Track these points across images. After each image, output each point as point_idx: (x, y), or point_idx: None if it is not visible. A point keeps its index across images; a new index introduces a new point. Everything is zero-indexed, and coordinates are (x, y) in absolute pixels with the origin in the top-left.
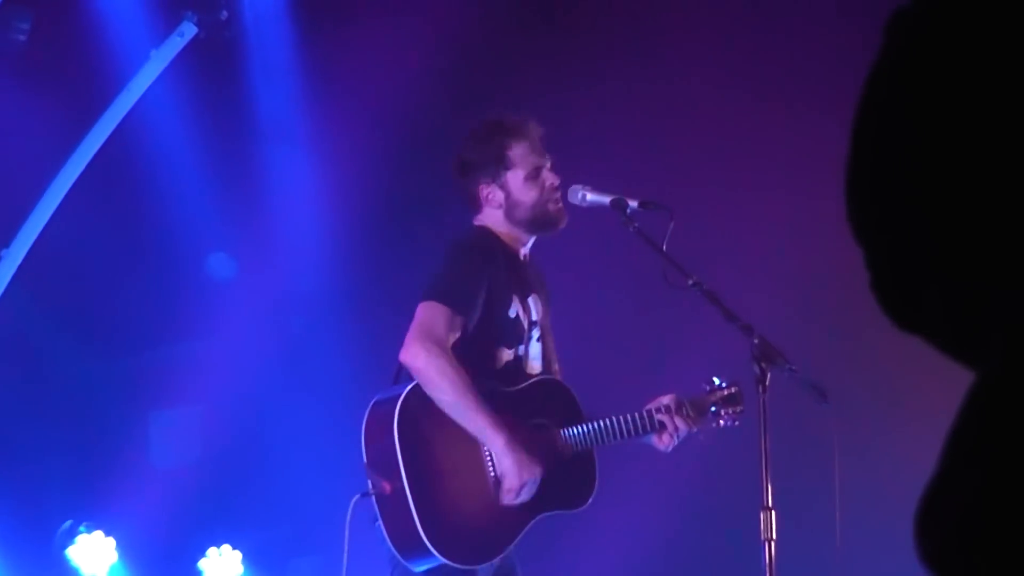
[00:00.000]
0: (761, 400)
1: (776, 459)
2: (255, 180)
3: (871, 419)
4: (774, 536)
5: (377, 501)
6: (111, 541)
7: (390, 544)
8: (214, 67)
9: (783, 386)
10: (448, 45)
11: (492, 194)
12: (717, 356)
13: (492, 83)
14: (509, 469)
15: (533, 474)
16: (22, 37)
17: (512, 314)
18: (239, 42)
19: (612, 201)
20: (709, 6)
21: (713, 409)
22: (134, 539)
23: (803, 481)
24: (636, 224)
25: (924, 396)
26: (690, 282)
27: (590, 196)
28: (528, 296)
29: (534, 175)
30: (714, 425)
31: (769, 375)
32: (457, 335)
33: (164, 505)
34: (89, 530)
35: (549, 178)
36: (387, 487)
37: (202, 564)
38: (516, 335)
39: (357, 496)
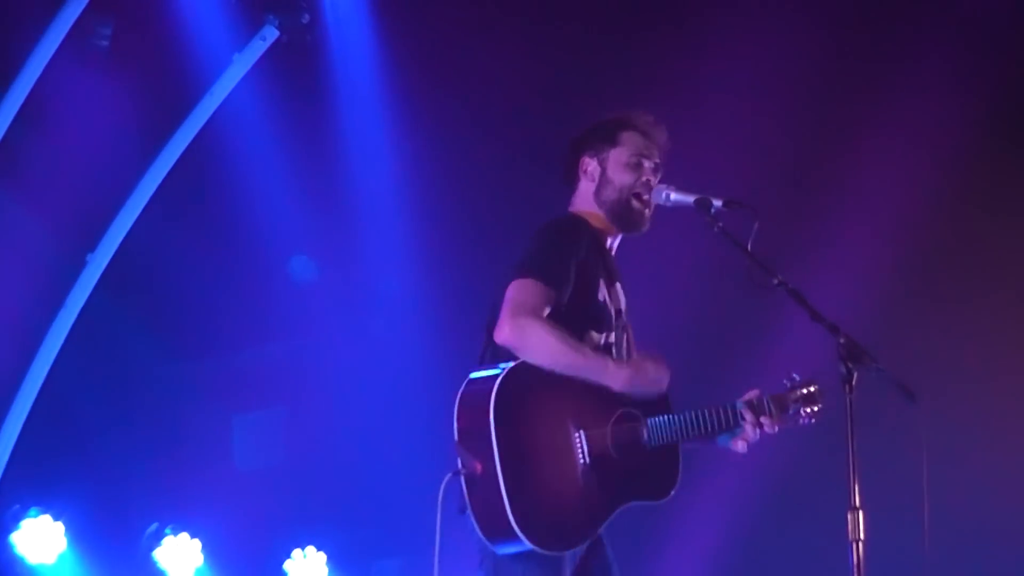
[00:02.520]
0: (848, 400)
1: (863, 459)
2: (337, 182)
3: (960, 419)
4: (862, 536)
5: (466, 481)
6: (197, 543)
7: (476, 525)
8: (297, 70)
9: (870, 386)
10: (533, 45)
11: (591, 166)
12: (802, 356)
13: (579, 87)
14: (645, 384)
15: (662, 375)
16: (104, 43)
17: (600, 298)
18: (321, 45)
19: (696, 201)
20: (796, 4)
21: (794, 407)
22: (219, 541)
23: (891, 482)
24: (720, 224)
25: (1012, 396)
26: (775, 281)
27: (674, 196)
28: (614, 284)
29: (635, 163)
30: (795, 423)
31: (856, 375)
32: (548, 310)
33: (249, 507)
34: (175, 532)
35: (647, 173)
36: (478, 466)
37: (287, 566)
38: (605, 320)
39: (449, 475)
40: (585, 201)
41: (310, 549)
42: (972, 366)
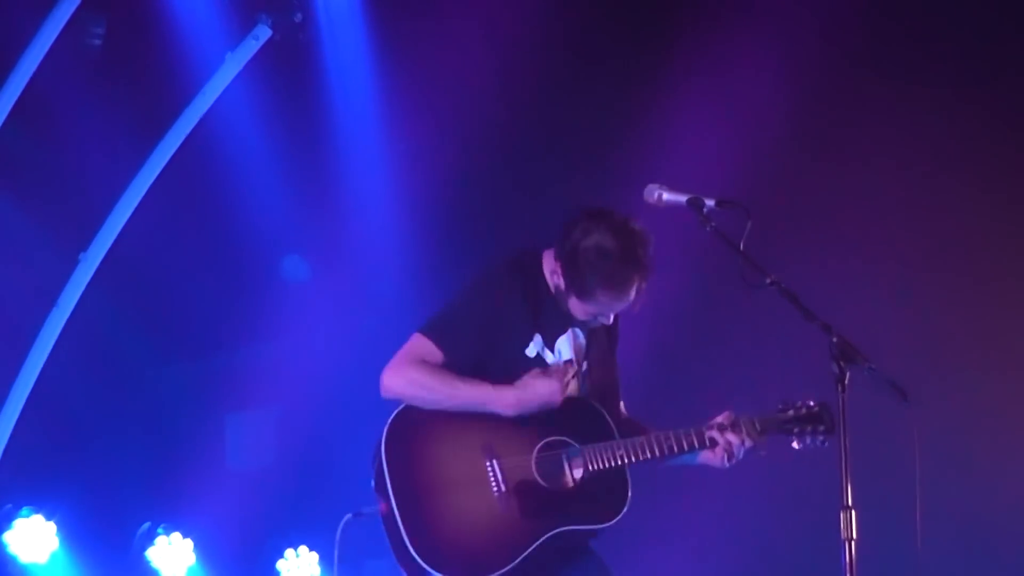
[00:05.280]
0: (840, 399)
1: (856, 458)
2: (330, 182)
3: (952, 418)
4: (854, 536)
5: (382, 522)
6: (189, 543)
7: (399, 565)
8: (289, 69)
9: (863, 385)
10: (525, 46)
11: (556, 276)
12: (794, 355)
13: (569, 84)
14: (530, 404)
15: (553, 389)
16: (97, 42)
17: (530, 352)
18: (314, 44)
19: (689, 200)
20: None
21: (785, 428)
22: (212, 540)
23: (883, 481)
24: (713, 223)
25: (1004, 396)
26: (768, 281)
27: (666, 196)
28: (559, 335)
29: (594, 313)
30: (793, 445)
31: (848, 374)
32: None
33: (241, 507)
34: (167, 532)
35: (604, 319)
36: (383, 507)
37: (279, 565)
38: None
39: (348, 516)
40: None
41: (302, 548)
42: (965, 365)
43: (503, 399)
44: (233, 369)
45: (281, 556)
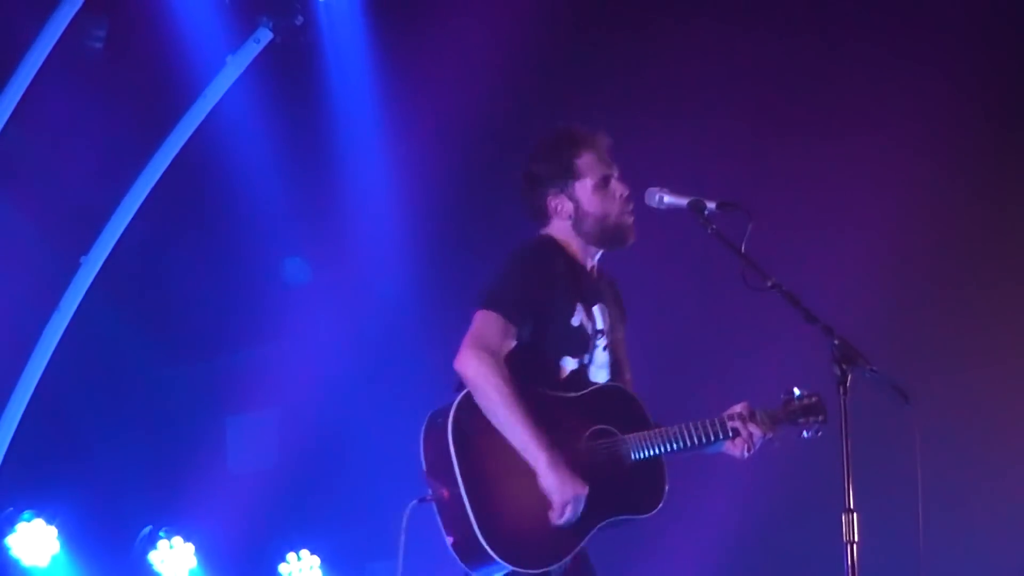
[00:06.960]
0: (842, 402)
1: (858, 461)
2: (331, 184)
3: (954, 420)
4: (856, 539)
5: (437, 508)
6: (190, 546)
7: (454, 554)
8: (290, 72)
9: (865, 387)
10: (525, 48)
11: (561, 205)
12: (796, 358)
13: (570, 85)
14: (552, 488)
15: (577, 492)
16: (98, 44)
17: (575, 322)
18: (315, 47)
19: (690, 203)
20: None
21: (792, 419)
22: (213, 544)
23: (885, 483)
24: (714, 226)
25: (1005, 396)
26: (769, 283)
27: (667, 198)
28: (594, 305)
29: (603, 184)
30: (803, 435)
31: (850, 376)
32: (511, 344)
33: (242, 510)
34: (169, 535)
35: (619, 188)
36: (445, 493)
37: (281, 568)
38: (580, 344)
39: (414, 502)
40: (562, 232)
41: (304, 552)
42: (966, 367)
43: (539, 458)
44: (235, 371)
45: (283, 559)
